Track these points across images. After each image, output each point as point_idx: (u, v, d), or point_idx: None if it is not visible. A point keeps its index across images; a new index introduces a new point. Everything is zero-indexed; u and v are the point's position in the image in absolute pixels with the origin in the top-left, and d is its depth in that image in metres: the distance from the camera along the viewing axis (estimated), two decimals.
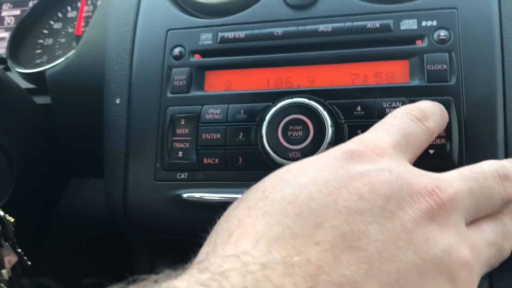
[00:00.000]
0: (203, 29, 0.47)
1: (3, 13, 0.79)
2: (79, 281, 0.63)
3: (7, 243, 0.45)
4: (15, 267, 0.46)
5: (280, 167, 0.31)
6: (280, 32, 0.45)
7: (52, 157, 0.62)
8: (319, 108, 0.40)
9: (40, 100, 0.63)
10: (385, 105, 0.40)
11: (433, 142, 0.38)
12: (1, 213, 0.46)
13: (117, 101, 0.49)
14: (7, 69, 0.67)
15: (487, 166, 0.33)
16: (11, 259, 0.45)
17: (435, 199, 0.28)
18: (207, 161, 0.43)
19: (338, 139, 0.40)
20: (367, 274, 0.24)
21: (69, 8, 0.72)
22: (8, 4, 0.79)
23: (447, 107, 0.39)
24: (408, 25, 0.42)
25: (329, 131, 0.40)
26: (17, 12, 0.78)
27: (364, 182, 0.27)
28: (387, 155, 0.30)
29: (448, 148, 0.39)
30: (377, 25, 0.42)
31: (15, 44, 0.69)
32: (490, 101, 0.39)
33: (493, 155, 0.38)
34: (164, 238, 0.47)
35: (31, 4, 0.77)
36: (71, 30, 0.70)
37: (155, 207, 0.45)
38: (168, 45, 0.48)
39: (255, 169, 0.42)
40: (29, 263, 0.47)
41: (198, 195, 0.43)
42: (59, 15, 0.71)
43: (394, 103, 0.40)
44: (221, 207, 0.30)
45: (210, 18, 0.48)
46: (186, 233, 0.41)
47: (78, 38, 0.65)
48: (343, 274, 0.24)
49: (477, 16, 0.41)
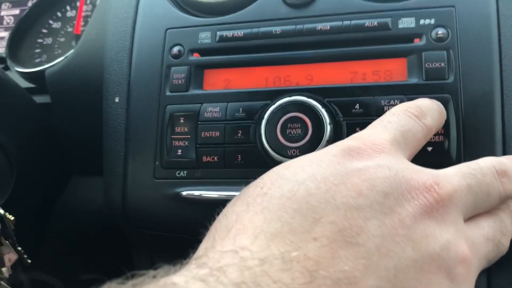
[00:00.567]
0: (202, 28, 0.47)
1: (3, 13, 0.79)
2: (78, 277, 0.63)
3: (7, 241, 0.45)
4: (15, 265, 0.46)
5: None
6: (278, 31, 0.45)
7: (52, 155, 0.62)
8: (318, 106, 0.41)
9: (39, 99, 0.63)
10: (383, 103, 0.40)
11: (431, 139, 0.38)
12: (1, 212, 0.46)
13: (116, 100, 0.49)
14: (7, 68, 0.68)
15: (485, 163, 0.33)
16: (11, 257, 0.45)
17: (434, 195, 0.28)
18: (206, 159, 0.43)
19: (337, 137, 0.40)
20: (365, 269, 0.24)
21: (68, 8, 0.72)
22: (8, 4, 0.79)
23: (445, 105, 0.39)
24: (406, 23, 0.42)
25: (328, 129, 0.40)
26: (16, 11, 0.78)
27: (363, 179, 0.28)
28: (385, 152, 0.30)
29: (446, 145, 0.39)
30: (375, 23, 0.43)
31: (14, 43, 0.69)
32: (488, 98, 0.39)
33: (491, 152, 0.38)
34: (163, 236, 0.47)
35: (30, 4, 0.77)
36: (70, 29, 0.70)
37: (155, 205, 0.45)
38: (167, 44, 0.48)
39: (254, 167, 0.42)
40: (29, 261, 0.47)
41: (197, 193, 0.43)
42: (58, 14, 0.72)
43: (392, 101, 0.40)
44: (220, 204, 0.31)
45: (209, 17, 0.48)
46: (186, 231, 0.41)
47: (77, 37, 0.66)
48: (341, 269, 0.24)
49: (475, 14, 0.41)
